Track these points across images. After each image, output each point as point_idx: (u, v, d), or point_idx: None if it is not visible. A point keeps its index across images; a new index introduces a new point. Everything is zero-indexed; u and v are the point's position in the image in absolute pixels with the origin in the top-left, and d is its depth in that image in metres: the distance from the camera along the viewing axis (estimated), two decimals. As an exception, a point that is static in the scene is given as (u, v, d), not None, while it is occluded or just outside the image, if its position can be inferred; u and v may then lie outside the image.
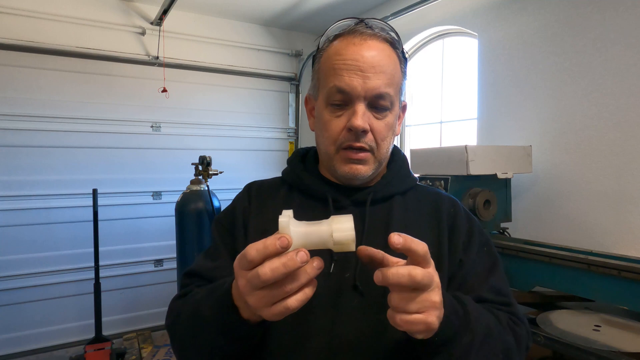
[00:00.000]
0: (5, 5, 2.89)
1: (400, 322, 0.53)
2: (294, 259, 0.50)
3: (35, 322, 3.07)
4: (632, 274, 1.40)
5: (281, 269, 0.50)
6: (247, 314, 0.59)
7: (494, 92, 2.55)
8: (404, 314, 0.53)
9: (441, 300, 0.56)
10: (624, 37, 1.94)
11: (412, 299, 0.53)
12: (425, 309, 0.53)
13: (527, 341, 0.74)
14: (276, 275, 0.50)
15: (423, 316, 0.53)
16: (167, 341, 3.34)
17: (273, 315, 0.53)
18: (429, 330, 0.55)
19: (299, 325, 0.71)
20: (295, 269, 0.50)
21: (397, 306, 0.53)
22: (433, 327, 0.54)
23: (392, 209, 0.79)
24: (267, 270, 0.50)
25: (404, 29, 3.19)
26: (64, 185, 3.13)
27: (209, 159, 2.76)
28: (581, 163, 2.11)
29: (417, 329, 0.54)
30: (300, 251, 0.50)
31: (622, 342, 1.43)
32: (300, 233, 0.53)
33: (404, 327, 0.54)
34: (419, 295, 0.53)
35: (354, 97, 0.72)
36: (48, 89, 3.07)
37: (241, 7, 3.46)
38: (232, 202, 0.88)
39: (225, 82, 3.73)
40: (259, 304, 0.53)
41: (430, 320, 0.54)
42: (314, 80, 0.82)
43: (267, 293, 0.52)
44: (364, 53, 0.72)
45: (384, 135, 0.75)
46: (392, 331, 0.70)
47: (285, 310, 0.52)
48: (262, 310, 0.53)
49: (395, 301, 0.53)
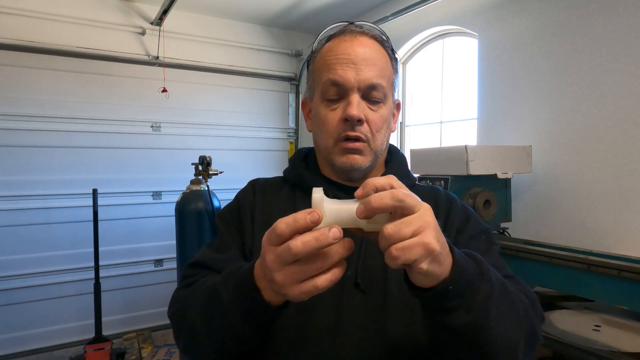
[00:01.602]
0: (6, 5, 2.89)
1: (396, 252, 0.48)
2: (327, 234, 0.48)
3: (35, 322, 3.07)
4: (632, 274, 1.40)
5: (313, 242, 0.48)
6: (269, 295, 0.57)
7: (494, 92, 2.55)
8: (398, 243, 0.48)
9: (436, 224, 0.51)
10: (624, 37, 1.94)
11: (403, 223, 0.49)
12: (419, 229, 0.49)
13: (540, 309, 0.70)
14: (308, 249, 0.48)
15: (418, 238, 0.48)
16: (167, 341, 3.34)
17: (301, 293, 0.51)
18: (430, 254, 0.49)
19: (302, 323, 0.71)
20: (327, 245, 0.49)
21: (389, 235, 0.48)
22: (432, 248, 0.48)
23: None
24: (298, 243, 0.49)
25: (404, 29, 3.20)
26: (64, 185, 3.13)
27: (209, 159, 2.76)
28: (581, 163, 2.11)
29: (415, 253, 0.48)
30: (333, 227, 0.49)
31: (622, 342, 1.43)
32: (333, 210, 0.52)
33: (402, 257, 0.48)
34: (409, 217, 0.49)
35: (348, 88, 0.75)
36: (48, 89, 3.07)
37: (241, 7, 3.46)
38: (235, 198, 0.88)
39: (225, 82, 3.73)
40: (287, 280, 0.51)
41: (427, 240, 0.48)
42: (309, 81, 0.85)
43: (297, 269, 0.50)
44: (356, 48, 0.76)
45: (379, 127, 0.77)
46: (394, 329, 0.70)
47: (314, 289, 0.51)
48: (289, 287, 0.51)
49: (388, 230, 0.48)
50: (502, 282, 0.60)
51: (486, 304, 0.55)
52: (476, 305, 0.54)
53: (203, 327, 0.66)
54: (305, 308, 0.72)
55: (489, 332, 0.56)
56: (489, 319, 0.55)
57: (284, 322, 0.71)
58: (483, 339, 0.56)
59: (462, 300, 0.54)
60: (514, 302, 0.61)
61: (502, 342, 0.58)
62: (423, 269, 0.49)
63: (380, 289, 0.72)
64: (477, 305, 0.54)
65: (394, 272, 0.73)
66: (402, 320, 0.71)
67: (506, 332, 0.58)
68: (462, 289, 0.53)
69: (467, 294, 0.54)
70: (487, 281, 0.56)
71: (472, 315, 0.54)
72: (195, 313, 0.68)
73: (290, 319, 0.71)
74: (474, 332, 0.55)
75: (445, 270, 0.51)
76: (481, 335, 0.56)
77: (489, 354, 0.58)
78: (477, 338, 0.56)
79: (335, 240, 0.48)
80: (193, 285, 0.74)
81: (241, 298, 0.59)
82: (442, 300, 0.53)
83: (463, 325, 0.54)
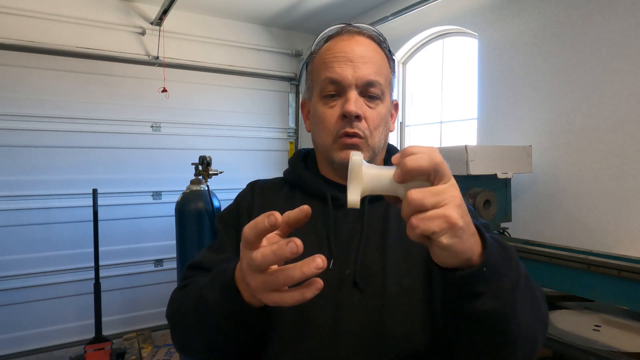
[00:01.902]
0: (6, 5, 2.89)
1: (416, 221, 0.46)
2: (283, 247, 0.47)
3: (35, 322, 3.07)
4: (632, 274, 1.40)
5: (270, 256, 0.48)
6: (247, 297, 0.58)
7: (494, 92, 2.55)
8: (420, 214, 0.46)
9: (462, 200, 0.49)
10: (624, 37, 1.95)
11: (429, 192, 0.47)
12: (444, 201, 0.46)
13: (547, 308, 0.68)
14: (267, 262, 0.49)
15: (441, 210, 0.46)
16: (167, 341, 3.34)
17: (270, 302, 0.52)
18: (451, 228, 0.47)
19: (300, 323, 0.72)
20: (285, 258, 0.48)
21: (412, 200, 0.46)
22: (454, 221, 0.46)
23: (390, 206, 0.80)
24: (259, 255, 0.49)
25: (404, 29, 3.19)
26: (64, 185, 3.13)
27: (209, 159, 2.76)
28: (581, 163, 2.11)
29: (435, 225, 0.46)
30: (291, 241, 0.47)
31: (622, 342, 1.43)
32: (371, 175, 0.50)
33: (421, 227, 0.46)
34: (437, 187, 0.47)
35: (346, 85, 0.76)
36: (48, 89, 3.07)
37: (241, 7, 3.46)
38: (235, 200, 0.89)
39: (225, 82, 3.74)
40: (258, 287, 0.52)
41: (449, 213, 0.46)
42: (307, 82, 0.85)
43: (265, 278, 0.51)
44: (353, 46, 0.77)
45: (376, 124, 0.78)
46: (392, 328, 0.70)
47: (281, 302, 0.51)
48: (260, 293, 0.52)
49: (412, 195, 0.46)
50: (525, 271, 0.58)
51: (513, 291, 0.53)
52: (504, 291, 0.52)
53: (194, 327, 0.67)
54: (304, 307, 0.71)
55: (512, 320, 0.54)
56: (515, 306, 0.54)
57: (282, 321, 0.71)
58: (506, 327, 0.54)
59: (489, 285, 0.52)
60: (535, 294, 0.60)
61: (524, 332, 0.56)
62: (443, 243, 0.47)
63: (379, 288, 0.73)
64: (504, 292, 0.52)
65: (393, 272, 0.74)
66: (400, 319, 0.71)
67: (529, 320, 0.57)
68: (492, 273, 0.51)
69: (496, 280, 0.52)
70: (514, 268, 0.55)
71: (498, 301, 0.52)
72: (188, 313, 0.69)
73: (288, 318, 0.71)
74: (497, 320, 0.53)
75: (468, 250, 0.49)
76: (504, 323, 0.54)
77: (509, 344, 0.56)
78: (499, 326, 0.54)
79: (292, 255, 0.47)
80: (188, 286, 0.75)
81: (224, 298, 0.60)
82: (471, 283, 0.51)
83: (488, 312, 0.52)
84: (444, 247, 0.48)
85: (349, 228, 0.78)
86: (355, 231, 0.78)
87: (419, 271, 0.74)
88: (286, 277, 0.49)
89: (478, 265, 0.50)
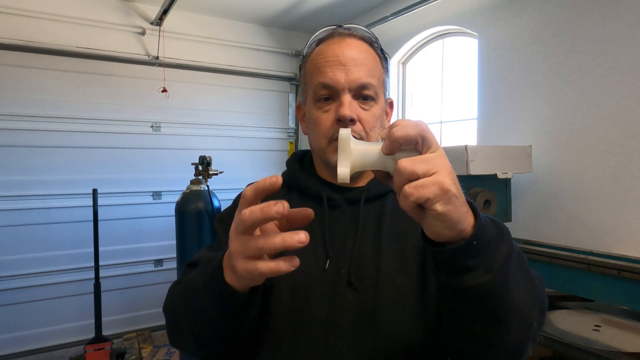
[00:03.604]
0: (6, 5, 2.89)
1: (409, 189, 0.46)
2: (270, 205, 0.48)
3: (35, 322, 3.07)
4: (632, 274, 1.41)
5: (257, 212, 0.48)
6: (229, 277, 0.57)
7: (494, 92, 2.55)
8: (412, 182, 0.46)
9: (452, 168, 0.49)
10: (624, 37, 1.95)
11: (419, 160, 0.47)
12: (434, 168, 0.47)
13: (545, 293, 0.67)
14: (253, 218, 0.49)
15: (433, 177, 0.46)
16: (167, 341, 3.34)
17: (243, 269, 0.51)
18: (445, 194, 0.46)
19: (294, 321, 0.72)
20: (270, 217, 0.48)
21: (403, 168, 0.46)
22: (448, 188, 0.46)
23: (385, 206, 0.81)
24: (247, 211, 0.49)
25: (404, 29, 3.20)
26: (64, 185, 3.13)
27: (209, 159, 2.76)
28: (581, 163, 2.11)
29: (429, 191, 0.46)
30: (279, 202, 0.48)
31: (622, 342, 1.43)
32: (360, 150, 0.51)
33: (415, 195, 0.46)
34: (426, 155, 0.48)
35: (339, 89, 0.76)
36: (48, 89, 3.07)
37: (241, 7, 3.46)
38: (233, 201, 0.89)
39: (225, 82, 3.73)
40: (237, 250, 0.52)
41: (442, 179, 0.46)
42: (301, 85, 0.86)
43: (245, 240, 0.51)
44: (344, 49, 0.77)
45: (372, 125, 0.78)
46: (386, 326, 0.71)
47: (253, 269, 0.50)
48: (237, 259, 0.52)
49: (402, 164, 0.46)
50: (519, 250, 0.58)
51: (505, 265, 0.53)
52: (496, 265, 0.52)
53: (183, 316, 0.68)
54: (298, 306, 0.73)
55: (506, 295, 0.53)
56: (507, 282, 0.53)
57: (277, 319, 0.72)
58: (500, 302, 0.53)
59: (481, 259, 0.51)
60: (529, 272, 0.59)
61: (518, 308, 0.55)
62: (437, 210, 0.46)
63: (373, 287, 0.73)
64: (496, 266, 0.52)
65: (387, 271, 0.74)
66: (394, 317, 0.72)
67: (522, 298, 0.55)
68: (484, 246, 0.51)
69: (487, 253, 0.52)
70: (506, 243, 0.54)
71: (490, 275, 0.52)
72: (179, 301, 0.70)
73: (283, 317, 0.72)
74: (491, 295, 0.53)
75: (462, 219, 0.49)
76: (498, 298, 0.53)
77: (504, 320, 0.55)
78: (493, 301, 0.53)
79: (277, 215, 0.47)
80: (183, 279, 0.76)
81: (211, 281, 0.60)
82: (462, 257, 0.51)
83: (480, 286, 0.52)
84: (438, 215, 0.47)
85: (344, 228, 0.79)
86: (350, 231, 0.78)
87: (413, 270, 0.75)
88: (266, 241, 0.49)
89: (469, 238, 0.50)
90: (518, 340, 0.58)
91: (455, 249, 0.50)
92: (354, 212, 0.80)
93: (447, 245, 0.51)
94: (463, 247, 0.50)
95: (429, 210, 0.47)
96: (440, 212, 0.47)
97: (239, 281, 0.56)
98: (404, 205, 0.48)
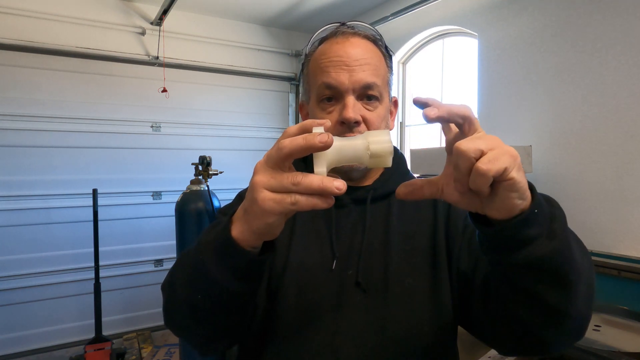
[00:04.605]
0: (6, 5, 2.89)
1: (485, 165, 0.44)
2: (315, 135, 0.46)
3: (36, 322, 3.07)
4: (632, 274, 1.41)
5: (299, 140, 0.46)
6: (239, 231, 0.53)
7: (494, 92, 2.55)
8: (483, 157, 0.45)
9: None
10: (624, 37, 1.94)
11: (477, 138, 0.46)
12: (492, 141, 0.46)
13: None
14: (293, 146, 0.46)
15: (499, 148, 0.46)
16: (167, 341, 3.34)
17: (270, 200, 0.47)
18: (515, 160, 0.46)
19: (302, 322, 0.72)
20: (313, 146, 0.46)
21: (467, 149, 0.45)
22: (516, 154, 0.46)
23: (391, 205, 0.81)
24: (287, 140, 0.47)
25: (404, 29, 3.19)
26: (64, 185, 3.13)
27: (209, 159, 2.76)
28: (581, 163, 2.11)
29: (505, 160, 0.45)
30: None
31: (622, 342, 1.43)
32: (334, 147, 0.51)
33: (494, 168, 0.44)
34: (478, 134, 0.48)
35: (343, 90, 0.75)
36: (48, 89, 3.07)
37: (241, 7, 3.46)
38: (238, 194, 0.89)
39: (225, 82, 3.73)
40: (262, 182, 0.48)
41: (507, 148, 0.46)
42: (304, 85, 0.85)
43: (276, 173, 0.48)
44: (348, 49, 0.76)
45: (376, 126, 0.77)
46: (395, 327, 0.71)
47: (282, 200, 0.47)
48: (262, 192, 0.48)
49: (464, 145, 0.45)
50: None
51: (564, 229, 0.52)
52: (557, 230, 0.51)
53: (181, 282, 0.62)
54: (306, 307, 0.72)
55: (572, 258, 0.53)
56: (570, 245, 0.52)
57: (284, 319, 0.71)
58: (568, 266, 0.52)
59: (542, 227, 0.50)
60: (576, 236, 0.58)
61: (583, 274, 0.54)
62: (514, 178, 0.45)
63: (381, 288, 0.73)
64: (558, 231, 0.51)
65: (395, 272, 0.74)
66: (403, 319, 0.71)
67: (584, 265, 0.55)
68: (543, 214, 0.50)
69: (547, 221, 0.51)
70: (558, 208, 0.54)
71: (555, 241, 0.51)
72: (177, 271, 0.65)
73: (290, 318, 0.71)
74: (558, 261, 0.51)
75: (526, 186, 0.48)
76: (565, 263, 0.52)
77: (574, 283, 0.53)
78: (561, 267, 0.52)
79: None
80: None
81: (217, 236, 0.56)
82: (525, 228, 0.49)
83: (547, 254, 0.51)
84: (514, 184, 0.46)
85: (351, 228, 0.78)
86: (357, 231, 0.78)
87: (423, 272, 0.74)
88: (305, 177, 0.47)
89: (530, 206, 0.49)
90: (586, 303, 0.57)
91: (523, 220, 0.49)
92: (361, 211, 0.79)
93: (513, 219, 0.49)
94: (530, 216, 0.49)
95: (504, 182, 0.46)
96: (517, 179, 0.46)
97: (251, 234, 0.52)
98: (480, 185, 0.46)
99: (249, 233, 0.52)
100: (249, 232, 0.52)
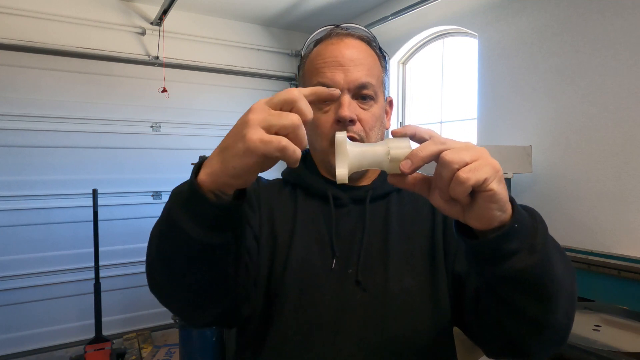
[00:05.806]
0: (6, 5, 2.89)
1: (465, 174, 0.46)
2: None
3: (35, 322, 3.07)
4: (632, 274, 1.41)
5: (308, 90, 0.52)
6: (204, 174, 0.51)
7: (494, 92, 2.55)
8: (464, 167, 0.47)
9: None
10: (624, 37, 1.94)
11: (461, 149, 0.48)
12: (477, 152, 0.48)
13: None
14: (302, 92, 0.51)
15: (483, 159, 0.48)
16: (167, 341, 3.34)
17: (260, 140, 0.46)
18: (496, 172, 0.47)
19: (302, 321, 0.72)
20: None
21: (451, 160, 0.47)
22: (498, 167, 0.48)
23: (390, 205, 0.81)
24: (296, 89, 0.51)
25: (404, 29, 3.19)
26: (64, 185, 3.13)
27: (209, 159, 2.76)
28: (581, 163, 2.11)
29: (485, 171, 0.46)
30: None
31: (622, 342, 1.43)
32: (356, 152, 0.54)
33: (473, 178, 0.46)
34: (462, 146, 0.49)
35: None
36: (48, 89, 3.07)
37: (241, 7, 3.46)
38: None
39: (225, 82, 3.73)
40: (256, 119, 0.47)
41: (490, 160, 0.48)
42: (300, 86, 0.85)
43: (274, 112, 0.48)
44: (342, 50, 0.77)
45: (371, 125, 0.78)
46: (395, 326, 0.71)
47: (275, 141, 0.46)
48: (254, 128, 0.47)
49: (448, 156, 0.48)
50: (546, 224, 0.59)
51: (546, 243, 0.54)
52: (538, 244, 0.53)
53: (154, 236, 0.61)
54: (306, 306, 0.72)
55: (552, 271, 0.54)
56: (551, 259, 0.54)
57: (283, 318, 0.72)
58: (548, 279, 0.54)
59: (523, 241, 0.52)
60: (558, 245, 0.60)
61: (563, 286, 0.56)
62: (494, 189, 0.47)
63: (381, 287, 0.73)
64: (539, 245, 0.53)
65: (395, 271, 0.74)
66: (402, 317, 0.72)
67: (564, 276, 0.56)
68: (524, 228, 0.52)
69: (528, 234, 0.53)
70: (540, 222, 0.55)
71: (536, 255, 0.52)
72: (154, 229, 0.63)
73: (290, 317, 0.72)
74: (538, 274, 0.53)
75: (507, 199, 0.50)
76: (545, 276, 0.54)
77: (554, 296, 0.55)
78: (541, 280, 0.53)
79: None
80: None
81: (185, 185, 0.56)
82: (505, 242, 0.51)
83: (528, 267, 0.52)
84: (493, 195, 0.48)
85: (350, 227, 0.78)
86: (357, 230, 0.78)
87: (422, 272, 0.75)
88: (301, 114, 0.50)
89: (510, 220, 0.51)
90: (567, 314, 0.58)
91: (504, 234, 0.51)
92: (360, 211, 0.79)
93: (493, 232, 0.51)
94: (506, 233, 0.51)
95: (483, 193, 0.48)
96: (496, 190, 0.47)
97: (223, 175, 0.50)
98: (459, 193, 0.48)
99: (221, 173, 0.50)
100: (222, 172, 0.50)
